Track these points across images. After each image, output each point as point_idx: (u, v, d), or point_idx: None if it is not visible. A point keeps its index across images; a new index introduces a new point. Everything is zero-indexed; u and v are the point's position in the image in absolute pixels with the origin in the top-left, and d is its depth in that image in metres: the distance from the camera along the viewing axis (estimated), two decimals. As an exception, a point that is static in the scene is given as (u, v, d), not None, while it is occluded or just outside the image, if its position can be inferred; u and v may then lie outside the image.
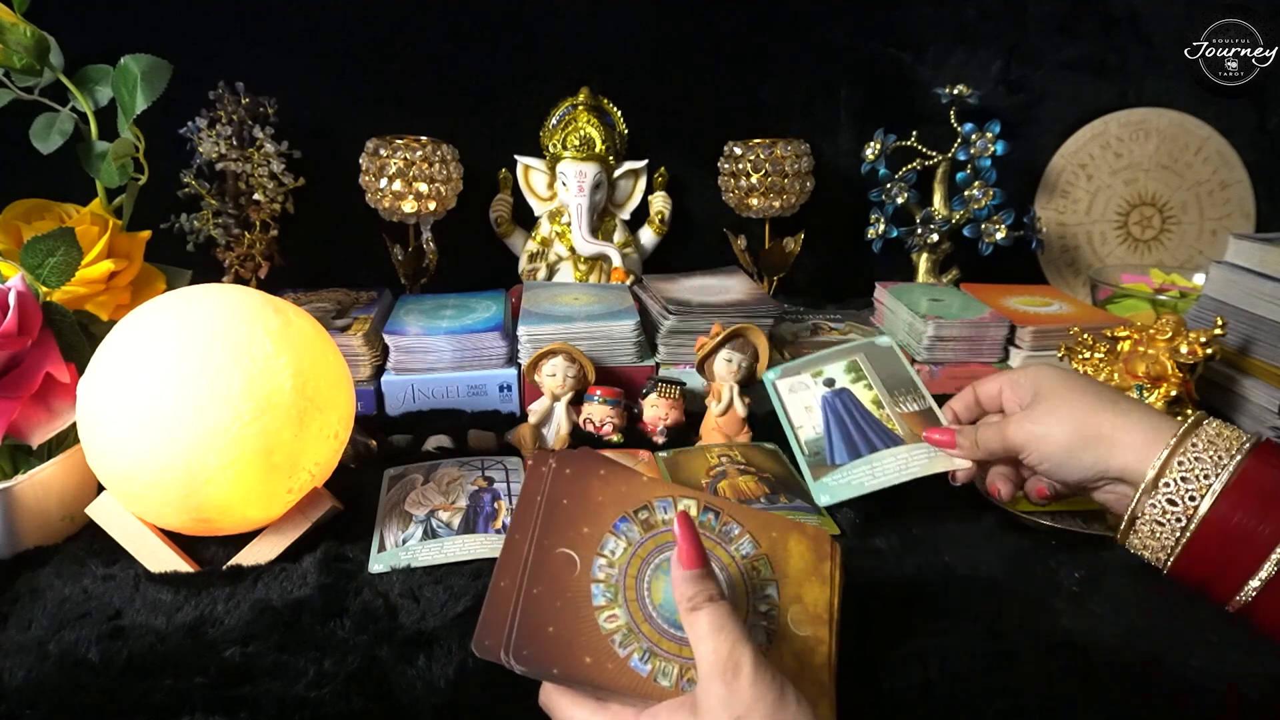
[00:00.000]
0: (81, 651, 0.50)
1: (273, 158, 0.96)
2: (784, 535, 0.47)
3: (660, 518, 0.46)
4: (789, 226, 1.10)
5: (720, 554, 0.46)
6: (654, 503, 0.46)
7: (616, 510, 0.46)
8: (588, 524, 0.45)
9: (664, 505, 0.46)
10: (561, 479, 0.46)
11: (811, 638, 0.44)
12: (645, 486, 0.47)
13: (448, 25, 1.08)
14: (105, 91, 0.80)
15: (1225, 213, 1.21)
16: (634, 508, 0.46)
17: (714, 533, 0.46)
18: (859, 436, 0.66)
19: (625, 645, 0.43)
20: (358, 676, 0.48)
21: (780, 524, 0.47)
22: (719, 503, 0.47)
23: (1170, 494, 0.47)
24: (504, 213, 1.10)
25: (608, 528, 0.45)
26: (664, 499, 0.47)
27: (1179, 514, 0.47)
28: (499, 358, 0.84)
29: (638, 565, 0.45)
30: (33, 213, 0.77)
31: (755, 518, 0.47)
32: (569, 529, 0.45)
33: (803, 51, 1.15)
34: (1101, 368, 0.79)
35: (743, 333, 0.78)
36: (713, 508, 0.47)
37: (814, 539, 0.47)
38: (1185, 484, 0.47)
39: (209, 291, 0.58)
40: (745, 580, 0.45)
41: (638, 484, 0.47)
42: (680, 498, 0.47)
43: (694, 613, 0.40)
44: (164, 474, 0.53)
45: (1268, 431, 0.79)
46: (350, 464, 0.71)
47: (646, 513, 0.46)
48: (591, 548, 0.45)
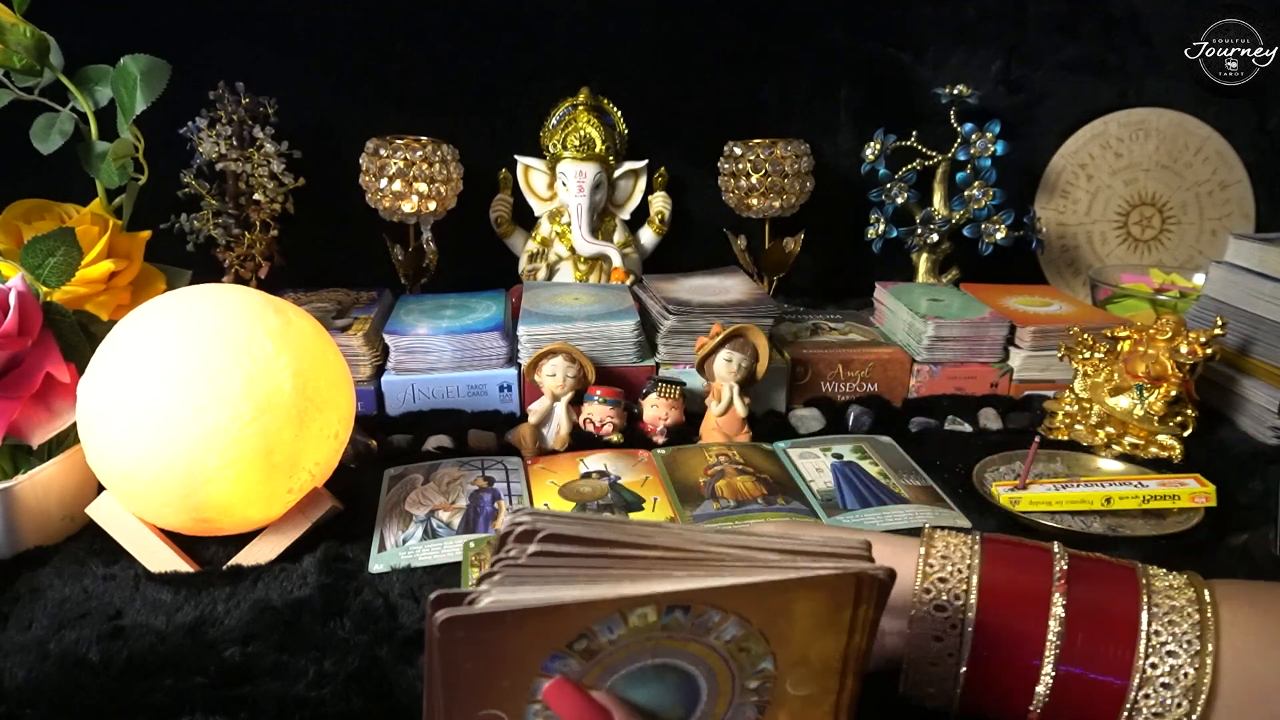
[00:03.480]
0: (81, 651, 0.50)
1: (273, 158, 0.96)
2: (788, 602, 0.36)
3: (605, 640, 0.35)
4: (789, 226, 1.10)
5: (693, 649, 0.36)
6: (593, 627, 0.35)
7: (542, 651, 0.35)
8: (506, 676, 0.35)
9: (609, 625, 0.35)
10: (454, 644, 0.34)
11: (816, 693, 0.38)
12: (578, 614, 0.35)
13: (448, 25, 1.08)
14: (105, 91, 0.80)
15: (1225, 213, 1.21)
16: (567, 641, 0.35)
17: (684, 630, 0.36)
18: (868, 493, 0.69)
19: None
20: (358, 676, 0.48)
21: (783, 591, 0.36)
22: (688, 595, 0.35)
23: (935, 600, 0.43)
24: (504, 213, 1.10)
25: (535, 671, 0.35)
26: (606, 618, 0.35)
27: (950, 618, 0.42)
28: (499, 358, 0.84)
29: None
30: (33, 213, 0.77)
31: (745, 596, 0.36)
32: (485, 689, 0.35)
33: (803, 51, 1.15)
34: (1101, 368, 0.79)
35: (743, 333, 0.78)
36: (679, 605, 0.35)
37: (833, 590, 0.37)
38: (944, 585, 0.42)
39: (209, 291, 0.58)
40: (730, 664, 0.37)
41: (564, 616, 0.35)
42: (631, 609, 0.34)
43: None
44: (164, 474, 0.53)
45: (1268, 432, 0.79)
46: (350, 464, 0.71)
47: (585, 640, 0.35)
48: (520, 699, 0.36)
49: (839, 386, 0.88)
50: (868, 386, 0.88)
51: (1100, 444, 0.77)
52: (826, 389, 0.88)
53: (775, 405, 0.86)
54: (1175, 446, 0.76)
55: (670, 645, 0.36)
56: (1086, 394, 0.79)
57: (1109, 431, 0.78)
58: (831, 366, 0.87)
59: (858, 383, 0.88)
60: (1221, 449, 0.79)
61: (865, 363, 0.88)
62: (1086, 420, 0.79)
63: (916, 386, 0.89)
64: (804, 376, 0.88)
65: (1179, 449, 0.76)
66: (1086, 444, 0.78)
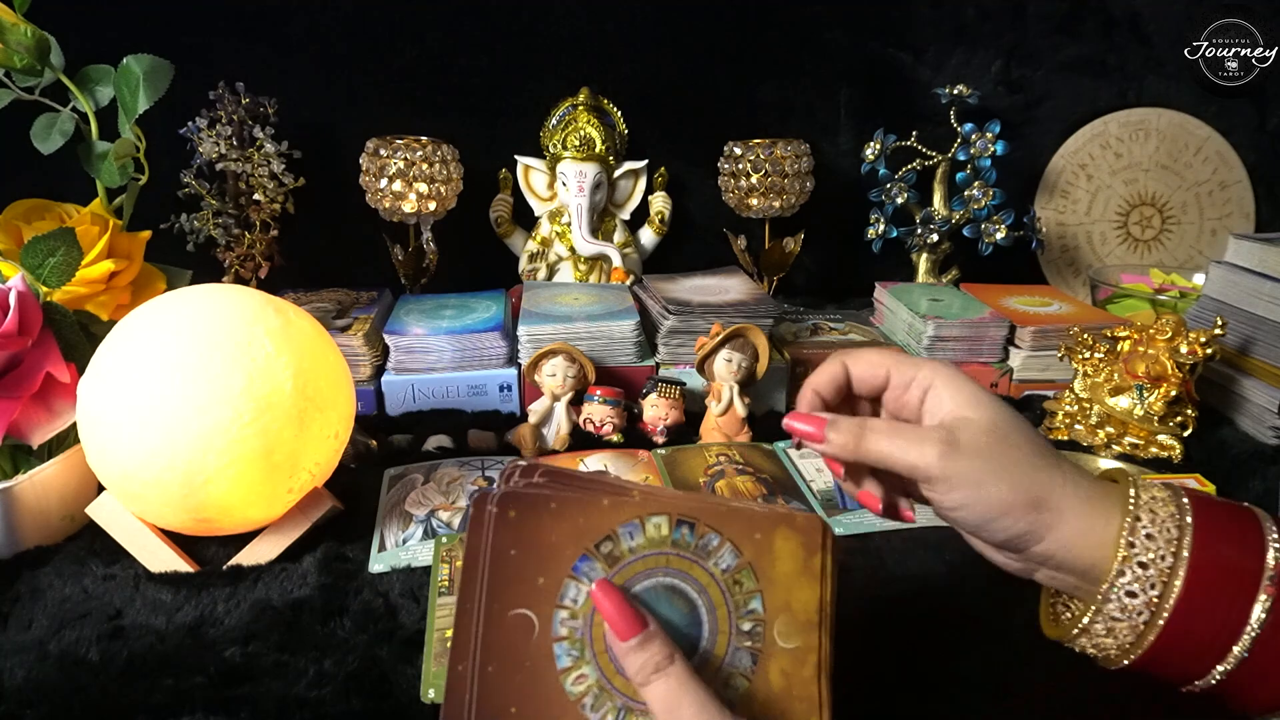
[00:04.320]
0: (81, 651, 0.50)
1: (273, 158, 0.96)
2: (769, 535, 0.40)
3: (626, 546, 0.39)
4: (789, 226, 1.10)
5: (697, 573, 0.40)
6: (617, 530, 0.39)
7: (574, 549, 0.39)
8: (542, 573, 0.38)
9: (629, 531, 0.39)
10: (505, 525, 0.38)
11: (801, 648, 0.40)
12: (606, 512, 0.39)
13: (448, 25, 1.08)
14: (106, 91, 0.80)
15: (1225, 213, 1.21)
16: (595, 541, 0.39)
17: (689, 550, 0.40)
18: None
19: (597, 708, 0.38)
20: (358, 676, 0.48)
21: (765, 520, 0.41)
22: (694, 510, 0.40)
23: (1128, 585, 0.39)
24: (504, 213, 1.10)
25: (566, 572, 0.39)
26: (629, 523, 0.39)
27: (1140, 606, 0.39)
28: (499, 358, 0.84)
29: None
30: (33, 213, 0.77)
31: (737, 519, 0.40)
32: (521, 585, 0.38)
33: (803, 51, 1.15)
34: (1101, 368, 0.79)
35: (743, 333, 0.78)
36: (687, 519, 0.40)
37: (804, 530, 0.41)
38: (1144, 571, 0.39)
39: (209, 291, 0.58)
40: (727, 599, 0.40)
41: (596, 511, 0.39)
42: (648, 515, 0.39)
43: (645, 687, 0.36)
44: (164, 474, 0.53)
45: (1268, 432, 0.79)
46: (350, 464, 0.71)
47: (610, 544, 0.39)
48: (549, 601, 0.38)
49: (839, 386, 0.88)
50: (868, 386, 0.88)
51: (1100, 444, 0.77)
52: (826, 389, 0.88)
53: (775, 405, 0.86)
54: (1175, 446, 0.76)
55: (678, 565, 0.39)
56: (1086, 394, 0.79)
57: (1109, 431, 0.78)
58: (831, 366, 0.87)
59: (858, 383, 0.88)
60: (1221, 449, 0.79)
61: (865, 363, 0.88)
62: (1086, 420, 0.79)
63: (916, 386, 0.89)
64: (804, 376, 0.87)
65: (1179, 449, 0.76)
66: (1086, 444, 0.78)
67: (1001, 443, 0.41)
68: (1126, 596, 0.39)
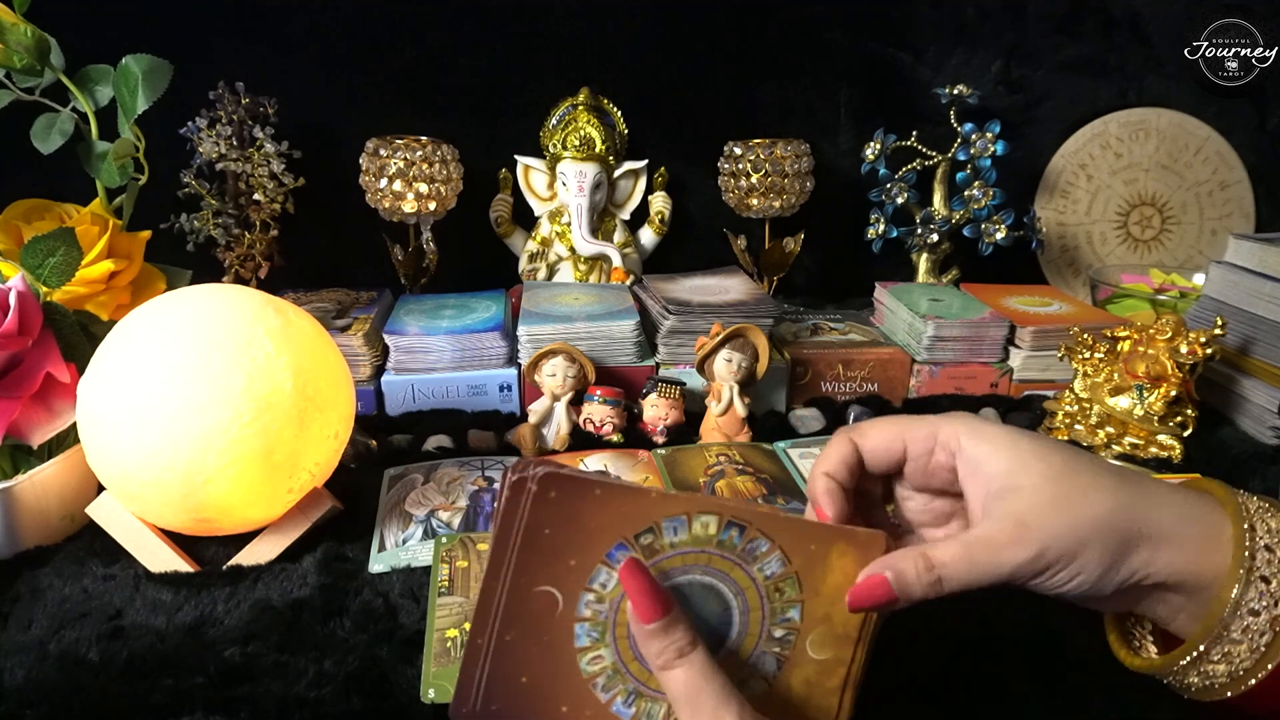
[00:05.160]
0: (81, 651, 0.50)
1: (273, 158, 0.96)
2: (825, 547, 0.39)
3: (667, 540, 0.38)
4: (789, 226, 1.10)
5: (737, 576, 0.39)
6: (661, 523, 0.38)
7: (613, 536, 0.37)
8: (575, 555, 0.37)
9: (674, 526, 0.38)
10: (544, 504, 0.36)
11: (831, 660, 0.39)
12: (654, 504, 0.38)
13: (448, 25, 1.08)
14: (106, 91, 0.80)
15: (1225, 213, 1.21)
16: (636, 531, 0.37)
17: (734, 552, 0.38)
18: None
19: (608, 689, 0.38)
20: (358, 676, 0.48)
21: (824, 534, 0.39)
22: (747, 515, 0.38)
23: (1251, 603, 0.36)
24: (504, 213, 1.10)
25: (599, 558, 0.38)
26: (675, 518, 0.38)
27: (1263, 625, 0.36)
28: (499, 358, 0.84)
29: None
30: (33, 213, 0.77)
31: (792, 529, 0.39)
32: (551, 563, 0.37)
33: (803, 51, 1.15)
34: (1101, 368, 0.79)
35: (743, 333, 0.78)
36: (738, 522, 0.38)
37: (864, 546, 0.39)
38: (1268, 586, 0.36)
39: (209, 291, 0.58)
40: (764, 604, 0.39)
41: (644, 502, 0.37)
42: (697, 513, 0.38)
43: (665, 672, 0.36)
44: (164, 474, 0.53)
45: (1268, 432, 0.79)
46: (350, 464, 0.71)
47: (651, 536, 0.38)
48: (578, 582, 0.38)
49: (839, 386, 0.88)
50: (868, 386, 0.88)
51: (1100, 444, 0.77)
52: (826, 389, 0.88)
53: (775, 405, 0.86)
54: (1175, 446, 0.76)
55: (719, 565, 0.38)
56: (1086, 394, 0.79)
57: (1109, 431, 0.78)
58: (831, 366, 0.87)
59: (858, 383, 0.88)
60: (1221, 449, 0.79)
61: (865, 363, 0.88)
62: (1086, 420, 0.79)
63: (916, 387, 0.89)
64: (804, 376, 0.88)
65: (1179, 449, 0.76)
66: (1086, 444, 0.78)
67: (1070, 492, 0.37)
68: (1249, 615, 0.36)
